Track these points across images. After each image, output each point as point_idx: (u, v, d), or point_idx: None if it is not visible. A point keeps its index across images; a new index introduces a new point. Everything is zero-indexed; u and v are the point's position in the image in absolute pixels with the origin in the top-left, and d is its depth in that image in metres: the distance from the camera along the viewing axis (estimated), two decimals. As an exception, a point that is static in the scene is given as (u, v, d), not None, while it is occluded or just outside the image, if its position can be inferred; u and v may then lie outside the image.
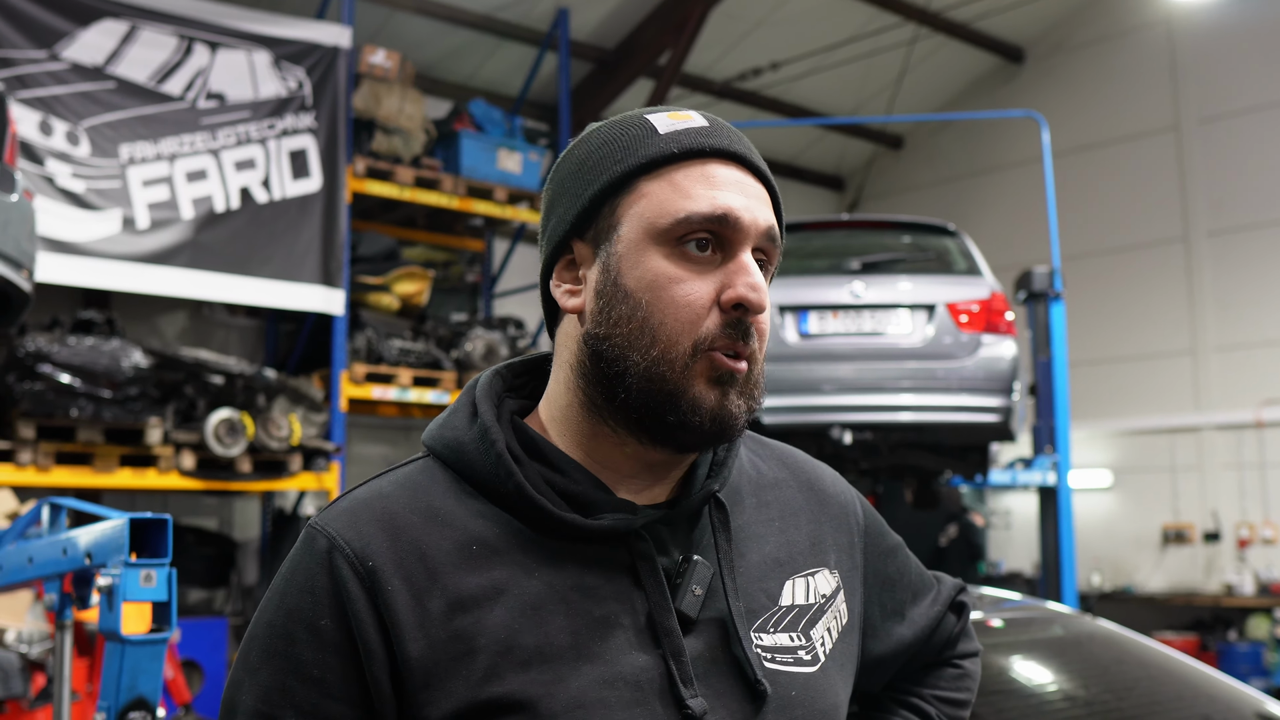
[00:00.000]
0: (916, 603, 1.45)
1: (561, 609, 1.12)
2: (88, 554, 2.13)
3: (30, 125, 6.83)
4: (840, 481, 1.42)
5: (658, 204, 1.15)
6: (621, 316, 1.14)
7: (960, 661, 1.51)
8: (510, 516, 1.15)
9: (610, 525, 1.14)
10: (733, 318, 1.13)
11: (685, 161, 1.16)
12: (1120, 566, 12.50)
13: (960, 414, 6.34)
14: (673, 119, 1.19)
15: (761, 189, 1.19)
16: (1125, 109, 12.92)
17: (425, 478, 1.19)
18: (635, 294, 1.14)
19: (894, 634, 1.41)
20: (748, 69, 12.40)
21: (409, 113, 8.72)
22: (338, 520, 1.15)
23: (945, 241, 6.97)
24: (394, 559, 1.11)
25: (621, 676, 1.10)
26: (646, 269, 1.14)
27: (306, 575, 1.13)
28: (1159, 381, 12.35)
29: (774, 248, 1.20)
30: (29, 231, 3.65)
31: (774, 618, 1.22)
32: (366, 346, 8.41)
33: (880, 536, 1.43)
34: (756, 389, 1.17)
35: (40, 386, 6.31)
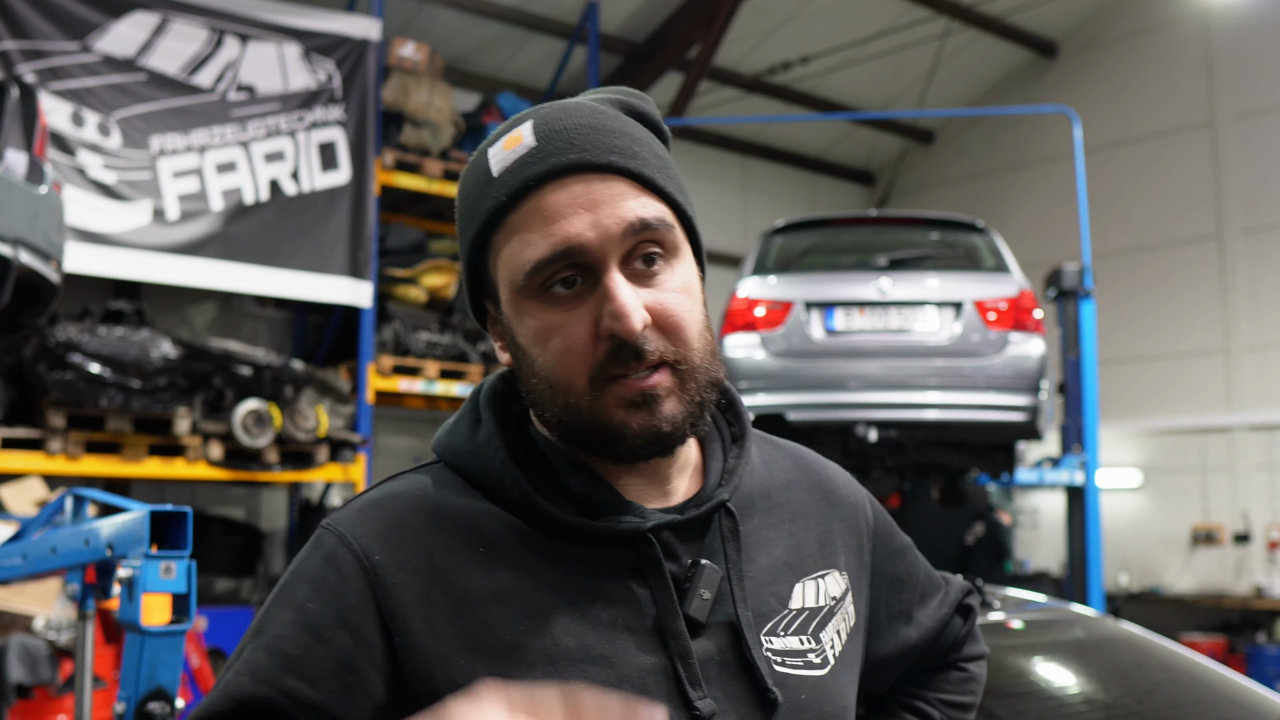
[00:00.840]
0: (924, 604, 1.44)
1: (568, 612, 1.11)
2: (109, 545, 2.15)
3: (62, 117, 6.89)
4: (851, 482, 1.41)
5: (509, 261, 1.12)
6: (527, 372, 1.14)
7: (966, 665, 1.49)
8: (517, 520, 1.15)
9: (617, 528, 1.13)
10: (616, 344, 1.09)
11: (519, 202, 1.11)
12: (1148, 567, 12.41)
13: (987, 412, 6.30)
14: (505, 149, 1.13)
15: (618, 183, 1.11)
16: (1159, 105, 12.80)
17: (435, 481, 1.19)
18: (529, 350, 1.13)
19: (900, 635, 1.40)
20: (778, 63, 12.37)
21: (438, 105, 8.75)
22: (346, 520, 1.15)
23: (974, 238, 6.93)
24: (399, 556, 1.11)
25: (628, 678, 1.10)
26: (527, 325, 1.13)
27: (310, 568, 1.13)
28: (1190, 381, 12.25)
29: (663, 232, 1.12)
30: (58, 223, 3.68)
31: (784, 621, 1.21)
32: (394, 339, 8.44)
33: (889, 537, 1.41)
34: (693, 385, 1.13)
35: (70, 376, 6.37)
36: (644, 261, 1.12)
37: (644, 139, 1.17)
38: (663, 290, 1.12)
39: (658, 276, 1.12)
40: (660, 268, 1.13)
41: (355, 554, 1.11)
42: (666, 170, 1.16)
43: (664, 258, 1.13)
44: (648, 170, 1.13)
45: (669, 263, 1.14)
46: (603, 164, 1.11)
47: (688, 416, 1.13)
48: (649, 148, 1.16)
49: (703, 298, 1.18)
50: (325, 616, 1.09)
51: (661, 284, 1.12)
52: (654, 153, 1.16)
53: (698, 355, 1.13)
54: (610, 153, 1.12)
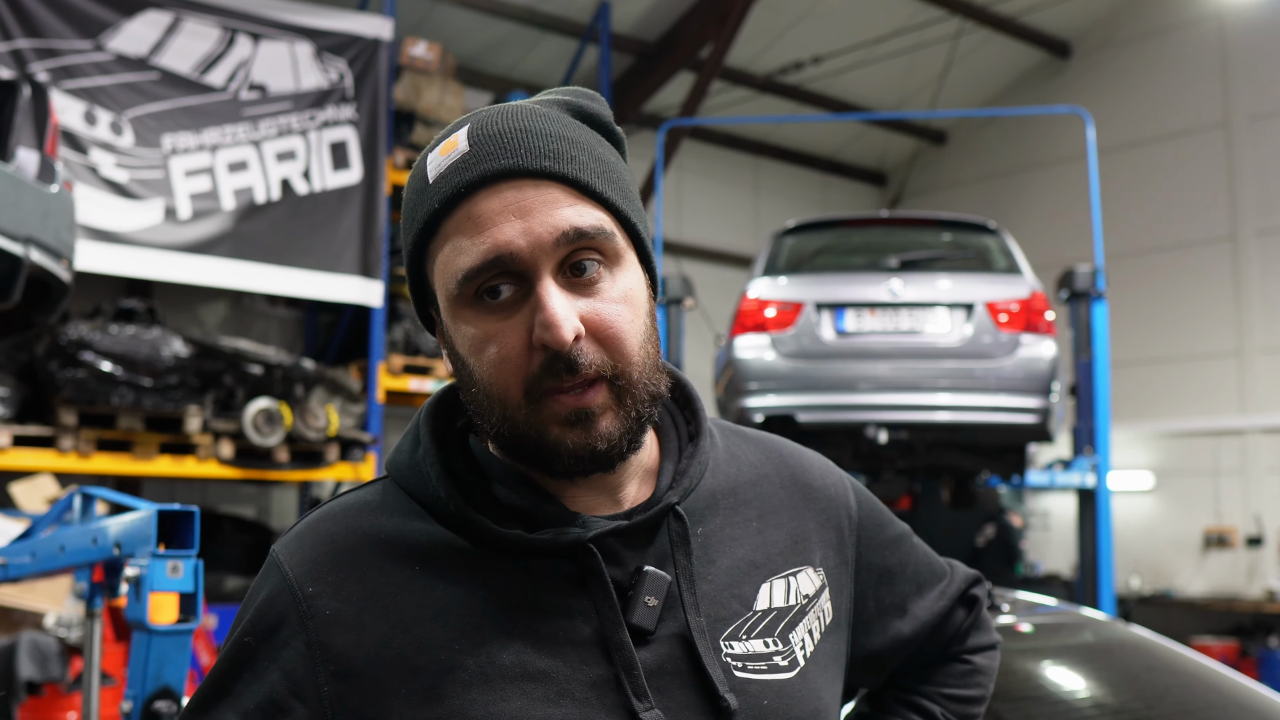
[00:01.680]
0: (921, 596, 1.39)
1: (506, 627, 1.09)
2: (117, 544, 2.16)
3: (75, 115, 6.91)
4: (831, 473, 1.36)
5: (444, 269, 1.10)
6: (466, 382, 1.12)
7: (970, 657, 1.44)
8: (456, 536, 1.13)
9: (551, 539, 1.11)
10: (549, 355, 1.06)
11: (452, 210, 1.09)
12: (1160, 570, 12.36)
13: (998, 414, 6.28)
14: (442, 155, 1.11)
15: (551, 189, 1.08)
16: (1173, 105, 12.75)
17: (377, 499, 1.18)
18: (466, 360, 1.11)
19: (890, 629, 1.36)
20: (790, 63, 12.35)
21: (449, 105, 8.76)
22: (287, 547, 1.15)
23: (985, 239, 6.91)
24: (332, 583, 1.11)
25: (568, 693, 1.07)
26: (463, 335, 1.11)
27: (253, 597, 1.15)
28: (1203, 383, 12.20)
29: (602, 239, 1.09)
30: (68, 222, 3.70)
31: (747, 624, 1.18)
32: (404, 338, 8.45)
33: (878, 528, 1.37)
34: (635, 396, 1.10)
35: (82, 374, 6.39)
36: (580, 270, 1.09)
37: (585, 143, 1.13)
38: (601, 300, 1.09)
39: (596, 285, 1.09)
40: (599, 276, 1.10)
41: (289, 585, 1.11)
42: (608, 175, 1.13)
43: (605, 265, 1.10)
44: (584, 175, 1.10)
45: (610, 271, 1.11)
46: (535, 169, 1.08)
47: (625, 433, 1.10)
48: (590, 152, 1.13)
49: (649, 307, 1.15)
50: (258, 651, 1.11)
51: (600, 293, 1.09)
52: (596, 157, 1.13)
53: (637, 369, 1.10)
54: (544, 157, 1.09)
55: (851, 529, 1.33)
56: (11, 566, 2.56)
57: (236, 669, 1.11)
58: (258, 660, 1.10)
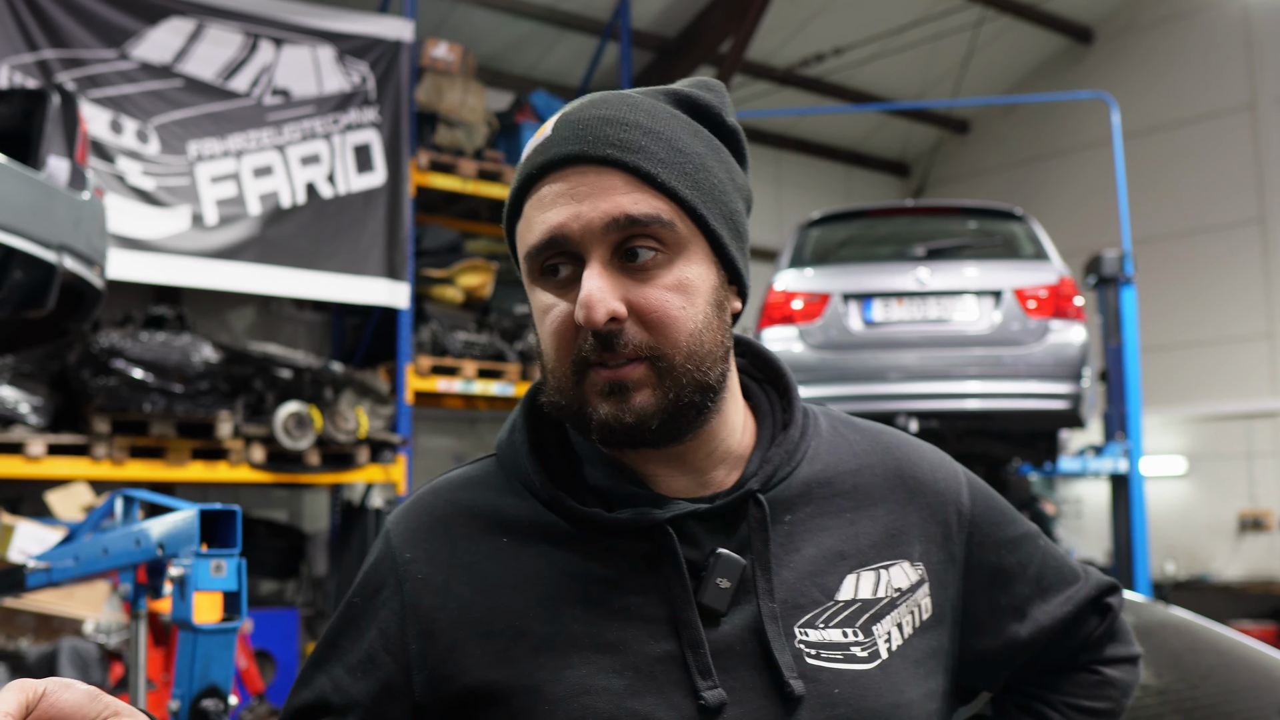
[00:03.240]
0: (1043, 600, 1.34)
1: (581, 600, 1.15)
2: (160, 545, 2.18)
3: (101, 124, 6.96)
4: (944, 468, 1.34)
5: (521, 243, 1.17)
6: (537, 350, 1.19)
7: (1102, 668, 1.39)
8: (545, 512, 1.19)
9: (630, 519, 1.15)
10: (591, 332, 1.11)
11: (529, 190, 1.16)
12: (1195, 555, 12.28)
13: (1028, 401, 6.25)
14: (536, 138, 1.18)
15: (613, 176, 1.12)
16: (1199, 88, 12.65)
17: (479, 474, 1.27)
18: (537, 329, 1.18)
19: (1006, 631, 1.32)
20: (810, 55, 12.32)
21: (471, 105, 8.77)
22: (395, 518, 1.27)
23: (1012, 226, 6.88)
24: (427, 551, 1.21)
25: (635, 666, 1.12)
26: (534, 305, 1.18)
27: (366, 563, 1.26)
28: (1235, 366, 12.10)
29: (659, 228, 1.12)
30: (100, 229, 3.72)
31: (826, 613, 1.19)
32: (431, 339, 8.47)
33: (996, 527, 1.33)
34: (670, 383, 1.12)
35: (114, 382, 6.43)
36: (633, 256, 1.12)
37: (667, 133, 1.15)
38: (652, 286, 1.12)
39: (650, 272, 1.12)
40: (654, 263, 1.12)
41: (391, 551, 1.23)
42: (682, 166, 1.14)
43: (663, 253, 1.13)
44: (647, 165, 1.12)
45: (669, 259, 1.13)
46: (599, 156, 1.12)
47: (659, 413, 1.12)
48: (670, 143, 1.14)
49: (711, 297, 1.16)
50: (362, 611, 1.23)
51: (652, 279, 1.12)
52: (675, 148, 1.14)
53: (682, 355, 1.12)
54: (609, 146, 1.12)
55: (962, 526, 1.30)
56: (55, 570, 2.58)
57: (345, 627, 1.23)
58: (362, 619, 1.22)
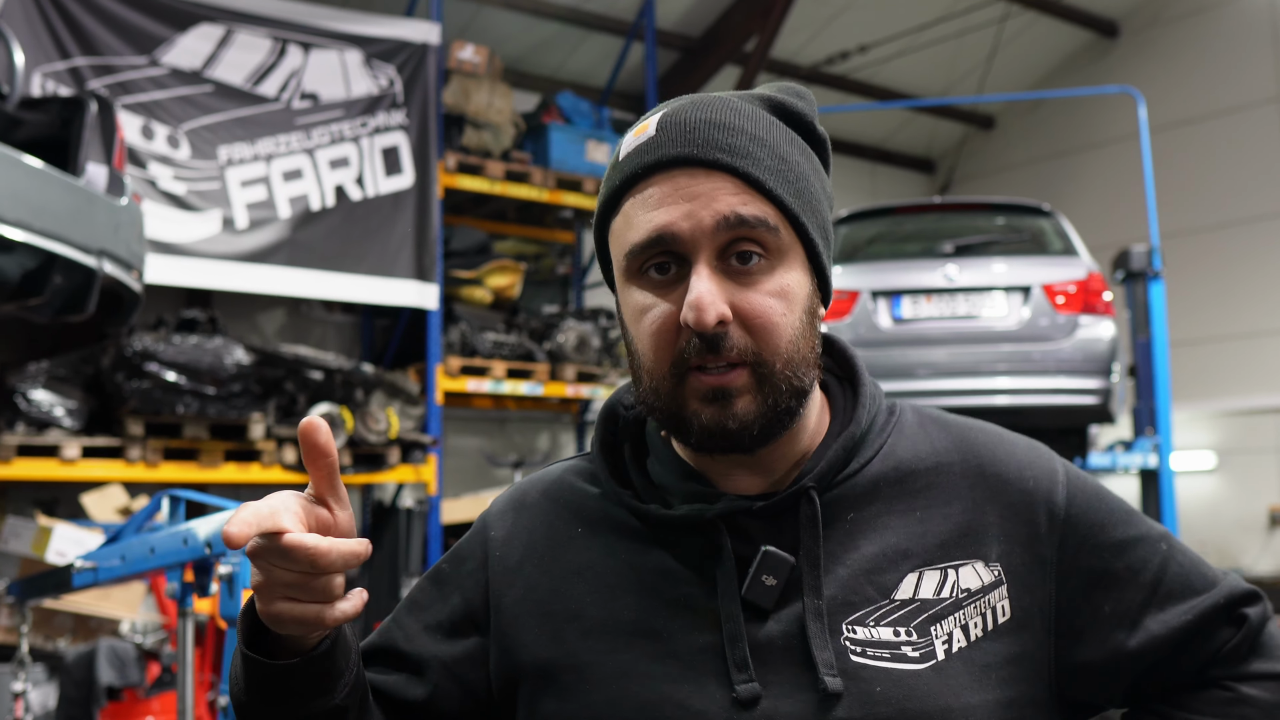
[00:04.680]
0: (1160, 608, 1.25)
1: (635, 589, 1.21)
2: (208, 544, 2.21)
3: (133, 130, 7.02)
4: (1037, 464, 1.27)
5: (618, 241, 1.19)
6: (630, 350, 1.21)
7: (1237, 684, 1.26)
8: (616, 505, 1.26)
9: (684, 514, 1.20)
10: (696, 335, 1.12)
11: (631, 188, 1.17)
12: (1225, 550, 12.21)
13: (1058, 396, 6.24)
14: (634, 136, 1.19)
15: (722, 180, 1.13)
16: (1226, 81, 12.57)
17: (571, 468, 1.36)
18: (629, 328, 1.20)
19: (1110, 641, 1.23)
20: (835, 52, 12.31)
21: (498, 107, 8.81)
22: (495, 500, 1.38)
23: (1040, 222, 6.87)
24: (510, 532, 1.32)
25: (676, 654, 1.16)
26: (628, 303, 1.19)
27: (463, 537, 1.38)
28: (1265, 360, 12.03)
29: (763, 232, 1.13)
30: (138, 234, 3.77)
31: (879, 611, 1.17)
32: (460, 340, 8.52)
33: (1101, 528, 1.25)
34: (769, 389, 1.14)
35: (147, 384, 6.50)
36: (739, 259, 1.14)
37: (770, 140, 1.17)
38: (756, 290, 1.14)
39: (754, 276, 1.14)
40: (758, 268, 1.14)
41: (484, 529, 1.35)
42: (786, 173, 1.16)
43: (766, 259, 1.15)
44: (755, 170, 1.14)
45: (771, 265, 1.15)
46: (709, 160, 1.14)
47: (759, 418, 1.14)
48: (772, 150, 1.17)
49: (807, 305, 1.17)
50: (449, 576, 1.34)
51: (756, 284, 1.14)
52: (778, 155, 1.17)
53: (781, 360, 1.14)
54: (719, 150, 1.14)
55: (1054, 526, 1.24)
56: (102, 570, 2.62)
57: (430, 587, 1.35)
58: (447, 585, 1.34)
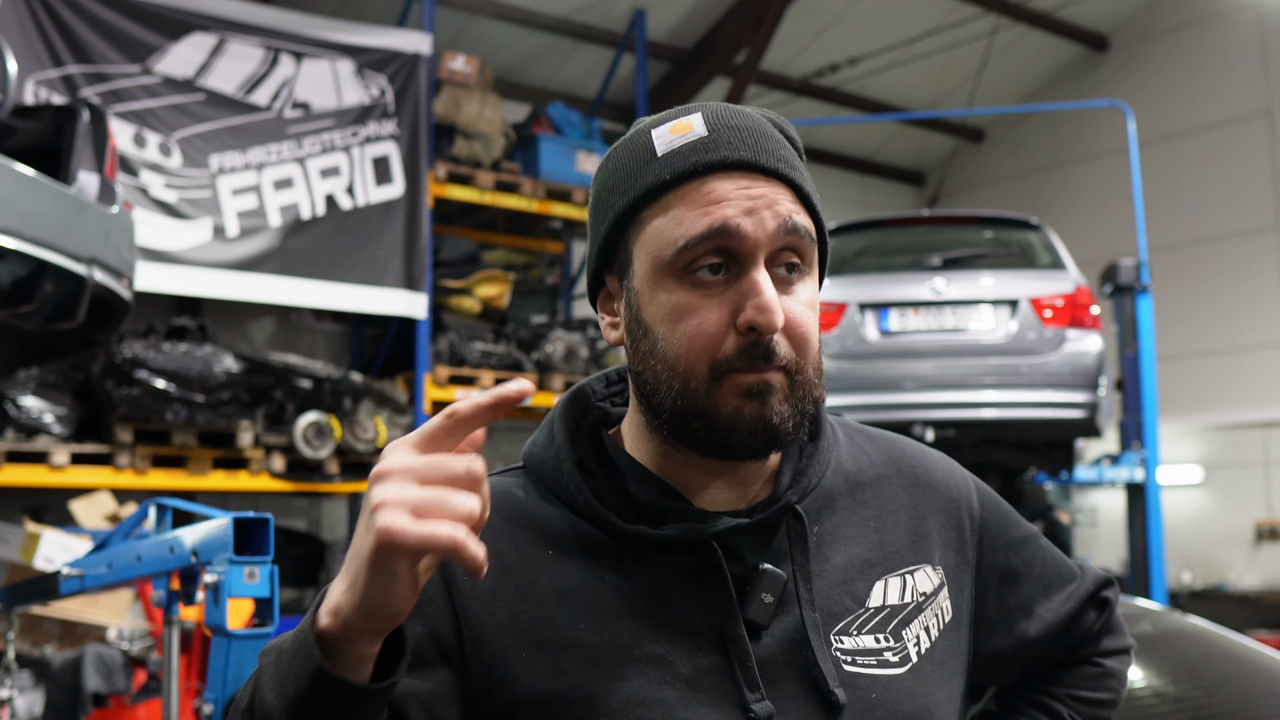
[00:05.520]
0: (1047, 598, 1.38)
1: (628, 613, 1.15)
2: (194, 552, 2.22)
3: (125, 138, 7.03)
4: (954, 473, 1.38)
5: (659, 235, 1.14)
6: (646, 351, 1.16)
7: (1101, 660, 1.43)
8: (587, 525, 1.19)
9: (675, 535, 1.16)
10: (749, 340, 1.12)
11: (680, 184, 1.14)
12: (1212, 564, 12.25)
13: (1044, 410, 6.27)
14: (673, 133, 1.17)
15: (777, 188, 1.16)
16: (1214, 95, 12.65)
17: (516, 484, 1.25)
18: (654, 328, 1.15)
19: (1016, 630, 1.36)
20: (825, 65, 12.36)
21: (489, 117, 8.83)
22: None
23: (1028, 235, 6.90)
24: None
25: (683, 677, 1.13)
26: (660, 303, 1.15)
27: None
28: (1252, 374, 12.08)
29: (806, 243, 1.16)
30: (129, 242, 3.79)
31: (859, 620, 1.21)
32: (449, 349, 8.53)
33: (1002, 529, 1.37)
34: (804, 393, 1.16)
35: (137, 392, 6.50)
36: (786, 269, 1.16)
37: (800, 161, 1.23)
38: (795, 300, 1.16)
39: (793, 286, 1.17)
40: (796, 279, 1.17)
41: None
42: (815, 193, 1.22)
43: (800, 270, 1.18)
44: (806, 186, 1.19)
45: (803, 276, 1.18)
46: (770, 168, 1.16)
47: (789, 420, 1.15)
48: (804, 169, 1.22)
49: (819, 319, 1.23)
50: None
51: (795, 294, 1.17)
52: (807, 175, 1.22)
53: (811, 369, 1.17)
54: (778, 160, 1.17)
55: (973, 529, 1.34)
56: (89, 577, 2.63)
57: None
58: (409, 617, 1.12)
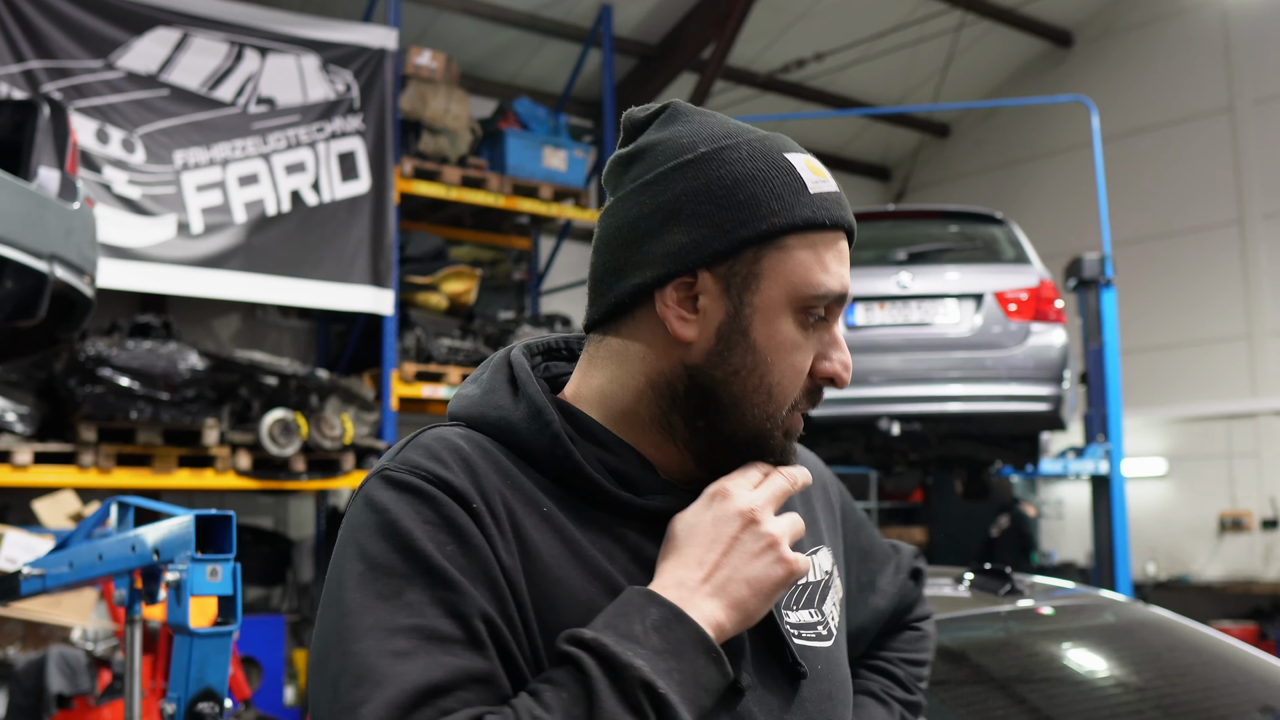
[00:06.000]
0: (883, 572, 1.53)
1: (623, 579, 1.13)
2: (156, 550, 2.20)
3: (87, 134, 6.97)
4: (818, 461, 1.46)
5: (803, 272, 1.16)
6: (741, 366, 1.16)
7: (919, 624, 1.59)
8: (564, 490, 1.16)
9: (661, 506, 1.16)
10: (817, 385, 1.19)
11: (821, 230, 1.17)
12: (1176, 555, 12.37)
13: (1010, 403, 6.31)
14: (815, 175, 1.19)
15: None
16: (1177, 91, 12.76)
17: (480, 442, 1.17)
18: (761, 350, 1.16)
19: (870, 604, 1.49)
20: (792, 60, 12.39)
21: (455, 113, 8.80)
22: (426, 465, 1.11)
23: (993, 230, 6.95)
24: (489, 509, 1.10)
25: None
26: (777, 330, 1.16)
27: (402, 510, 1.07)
28: (1214, 367, 12.21)
29: None
30: (91, 238, 3.75)
31: (794, 595, 1.26)
32: (416, 345, 8.50)
33: (853, 510, 1.50)
34: None
35: (100, 390, 6.45)
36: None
37: None
38: None
39: None
40: None
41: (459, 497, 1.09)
42: None
43: None
44: None
45: None
46: (852, 237, 1.23)
47: None
48: None
49: None
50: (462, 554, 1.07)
51: None
52: None
53: None
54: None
55: (839, 511, 1.46)
56: (50, 577, 2.61)
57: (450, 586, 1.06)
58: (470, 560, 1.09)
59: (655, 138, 1.20)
